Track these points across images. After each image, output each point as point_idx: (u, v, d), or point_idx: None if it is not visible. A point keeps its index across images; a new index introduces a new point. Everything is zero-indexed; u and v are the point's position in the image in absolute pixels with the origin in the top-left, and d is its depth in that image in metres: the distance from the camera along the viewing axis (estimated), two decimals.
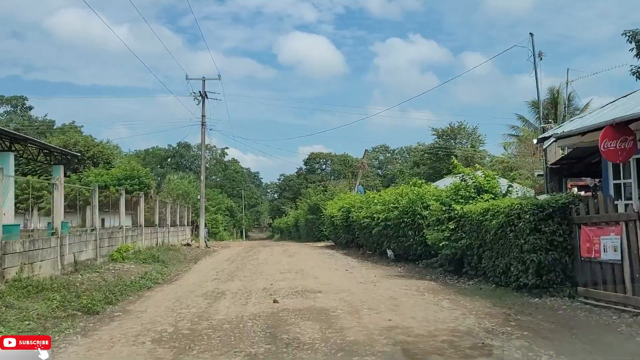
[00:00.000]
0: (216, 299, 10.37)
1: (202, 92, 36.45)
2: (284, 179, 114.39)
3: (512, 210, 9.78)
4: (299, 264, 18.12)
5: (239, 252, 26.87)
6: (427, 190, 16.55)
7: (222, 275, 14.72)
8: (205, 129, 36.94)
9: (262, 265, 17.61)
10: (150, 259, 18.23)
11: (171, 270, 16.99)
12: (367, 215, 21.17)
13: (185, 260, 21.41)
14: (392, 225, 17.81)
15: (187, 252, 25.48)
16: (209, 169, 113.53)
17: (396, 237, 17.83)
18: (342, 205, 28.08)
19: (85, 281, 12.59)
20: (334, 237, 31.79)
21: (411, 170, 65.81)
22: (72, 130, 69.47)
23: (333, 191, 47.54)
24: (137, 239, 20.91)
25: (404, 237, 16.95)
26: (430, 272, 14.65)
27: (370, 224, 20.61)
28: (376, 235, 19.85)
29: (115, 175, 43.76)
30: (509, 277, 10.18)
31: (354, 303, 9.45)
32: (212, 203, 62.80)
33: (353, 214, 24.38)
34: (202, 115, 36.88)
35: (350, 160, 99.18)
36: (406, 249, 17.26)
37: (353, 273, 14.88)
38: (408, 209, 16.52)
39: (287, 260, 20.17)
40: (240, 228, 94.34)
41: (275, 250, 27.60)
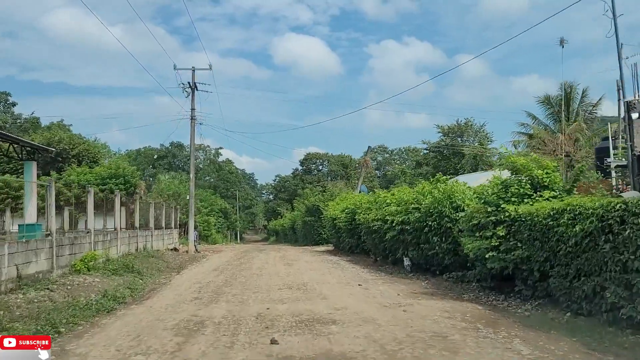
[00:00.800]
0: (190, 335, 7.45)
1: (191, 83, 33.51)
2: (279, 180, 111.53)
3: (610, 211, 6.91)
4: (300, 275, 15.23)
5: (231, 259, 23.94)
6: (456, 187, 13.66)
7: (205, 293, 11.79)
8: (194, 123, 34.02)
9: (256, 278, 14.69)
10: (122, 269, 15.26)
11: (146, 283, 14.05)
12: (377, 218, 18.31)
13: (167, 269, 18.47)
14: (411, 230, 14.95)
15: (171, 259, 22.52)
16: (202, 169, 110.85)
17: (416, 244, 14.98)
18: (346, 207, 25.20)
19: (25, 303, 9.65)
20: (336, 241, 28.91)
21: (414, 170, 63.11)
22: (58, 128, 66.39)
23: (332, 191, 44.67)
24: (110, 245, 17.94)
25: (427, 244, 14.10)
26: (464, 288, 11.81)
27: (382, 228, 17.77)
28: (389, 241, 17.01)
29: (99, 174, 40.76)
30: (598, 304, 7.32)
31: (387, 345, 6.57)
32: (204, 204, 59.82)
33: (359, 216, 21.54)
34: (191, 109, 33.94)
35: (347, 160, 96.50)
36: (428, 258, 14.41)
37: (370, 290, 11.99)
38: (433, 211, 13.65)
39: (285, 270, 17.27)
40: (235, 230, 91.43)
41: (271, 257, 24.69)
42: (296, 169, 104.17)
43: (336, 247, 30.24)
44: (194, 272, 17.28)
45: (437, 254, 13.57)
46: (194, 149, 33.66)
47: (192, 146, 33.71)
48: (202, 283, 13.74)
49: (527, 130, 45.09)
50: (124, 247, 19.70)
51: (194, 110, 33.99)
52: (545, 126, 44.61)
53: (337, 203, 29.48)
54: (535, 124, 44.65)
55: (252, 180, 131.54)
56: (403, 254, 16.33)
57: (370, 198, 21.62)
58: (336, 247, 30.31)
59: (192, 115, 33.90)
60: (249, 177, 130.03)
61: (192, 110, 33.93)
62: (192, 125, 33.92)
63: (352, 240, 24.43)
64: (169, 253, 26.14)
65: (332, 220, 27.71)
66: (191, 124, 33.90)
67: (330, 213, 27.80)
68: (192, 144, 33.62)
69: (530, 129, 44.77)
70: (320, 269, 17.62)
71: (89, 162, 47.08)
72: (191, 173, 34.23)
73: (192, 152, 33.92)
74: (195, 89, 34.06)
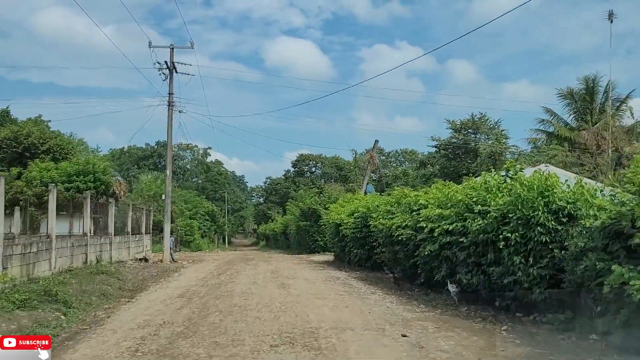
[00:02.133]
0: None
1: (169, 64, 28.55)
2: (270, 182, 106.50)
3: None
4: (303, 309, 10.28)
5: (210, 273, 18.94)
6: (553, 181, 8.76)
7: (145, 356, 6.84)
8: (172, 110, 29.04)
9: (238, 315, 9.72)
10: (38, 298, 10.25)
11: (66, 323, 9.07)
12: (406, 224, 13.51)
13: (119, 292, 13.44)
14: (467, 244, 10.13)
15: (132, 274, 17.50)
16: (190, 170, 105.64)
17: (474, 265, 10.17)
18: (354, 209, 20.35)
19: None
20: (339, 250, 23.99)
21: (416, 171, 58.63)
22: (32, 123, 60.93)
23: (331, 193, 39.76)
24: (37, 259, 12.90)
25: (497, 266, 9.26)
26: (566, 337, 7.05)
27: (412, 238, 13.00)
28: (426, 257, 12.22)
29: (65, 170, 35.61)
30: None
31: None
32: (188, 206, 54.65)
33: (374, 221, 16.71)
34: (169, 93, 28.96)
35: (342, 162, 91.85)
36: (496, 287, 9.59)
37: (426, 347, 7.09)
38: (513, 216, 8.80)
39: (280, 296, 12.30)
40: (223, 234, 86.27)
41: (260, 271, 19.72)
42: (288, 170, 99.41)
43: (338, 257, 25.36)
44: (152, 299, 12.26)
45: (519, 282, 8.72)
46: (171, 140, 28.66)
47: (169, 137, 28.65)
48: (152, 326, 8.76)
49: (546, 128, 40.74)
50: (63, 261, 14.67)
51: (172, 95, 29.03)
52: (565, 123, 40.33)
53: (341, 205, 24.62)
54: (554, 120, 40.34)
55: (242, 182, 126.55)
56: (448, 276, 11.53)
57: (389, 198, 16.75)
58: (338, 258, 25.43)
59: (170, 100, 28.92)
60: (239, 179, 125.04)
61: (169, 94, 28.96)
62: (169, 112, 28.94)
63: (361, 251, 19.60)
64: (134, 265, 21.10)
65: (336, 227, 22.85)
66: (169, 111, 28.93)
67: (334, 217, 22.90)
68: (169, 133, 28.60)
69: (549, 125, 40.41)
70: (328, 294, 12.68)
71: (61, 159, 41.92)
72: (167, 169, 29.22)
73: (170, 143, 28.83)
74: (174, 71, 29.11)
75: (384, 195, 21.51)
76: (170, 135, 28.74)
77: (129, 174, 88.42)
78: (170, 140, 28.78)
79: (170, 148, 28.63)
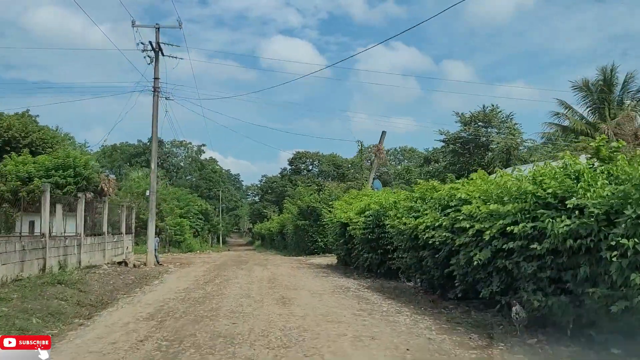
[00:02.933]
0: None
1: (154, 45, 25.62)
2: (266, 180, 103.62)
3: None
4: (316, 344, 7.34)
5: (196, 281, 16.06)
6: None
7: None
8: (158, 97, 26.10)
9: (221, 353, 6.82)
10: None
11: None
12: (438, 225, 10.68)
13: (71, 311, 10.47)
14: (541, 251, 7.28)
15: (100, 284, 14.55)
16: (183, 167, 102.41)
17: (550, 279, 7.34)
18: (365, 207, 17.50)
19: None
20: (344, 253, 21.12)
21: (420, 168, 55.96)
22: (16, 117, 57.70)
23: (331, 191, 36.88)
24: None
25: (592, 283, 6.43)
26: None
27: (449, 242, 10.19)
28: (465, 266, 9.42)
29: (43, 164, 32.66)
30: None
31: None
32: (179, 204, 51.63)
33: (391, 221, 13.87)
34: (154, 78, 26.06)
35: (340, 160, 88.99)
36: (582, 310, 6.78)
37: None
38: (633, 212, 5.93)
39: (281, 319, 9.40)
40: (217, 233, 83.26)
41: (255, 279, 16.84)
42: (284, 168, 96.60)
43: (342, 261, 22.54)
44: (112, 322, 9.34)
45: (636, 310, 5.87)
46: (156, 129, 25.67)
47: (154, 127, 25.66)
48: None
49: (561, 121, 38.02)
50: (6, 269, 11.74)
51: (157, 80, 26.10)
52: (581, 116, 37.63)
53: (347, 203, 21.76)
54: (569, 113, 37.64)
55: (238, 181, 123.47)
56: (501, 292, 8.69)
57: (413, 193, 13.86)
58: (342, 261, 22.62)
59: (156, 85, 26.00)
60: (234, 178, 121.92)
61: (155, 79, 26.03)
62: (155, 100, 26.03)
63: (373, 255, 16.76)
64: (109, 271, 18.17)
65: (342, 227, 20.01)
66: (154, 99, 26.02)
67: (340, 216, 20.00)
68: (154, 122, 25.61)
69: (564, 119, 37.71)
70: (343, 315, 9.79)
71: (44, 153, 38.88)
72: (152, 162, 26.26)
73: (155, 133, 25.81)
74: (161, 53, 26.17)
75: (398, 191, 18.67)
76: (156, 125, 25.80)
77: (120, 171, 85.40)
78: (156, 130, 25.83)
79: (156, 139, 25.64)
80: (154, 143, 25.45)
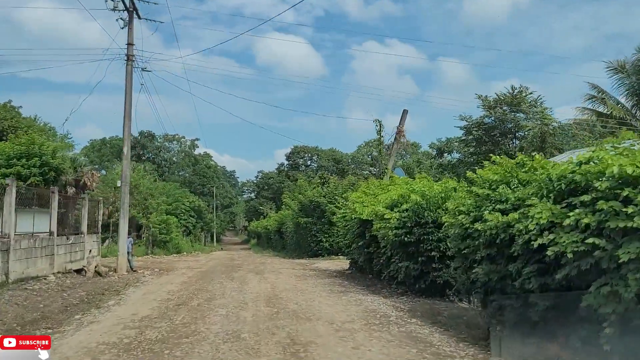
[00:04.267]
0: None
1: (127, 4, 20.93)
2: (262, 177, 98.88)
3: None
4: None
5: (163, 304, 11.45)
6: None
7: None
8: (132, 66, 21.44)
9: None
10: None
11: None
12: (558, 223, 6.09)
13: None
14: None
15: (18, 309, 9.91)
16: (176, 163, 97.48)
17: None
18: (399, 198, 12.91)
19: None
20: (363, 258, 16.46)
21: (432, 160, 51.53)
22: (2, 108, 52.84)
23: (337, 185, 32.26)
24: None
25: None
26: None
27: (603, 255, 5.60)
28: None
29: (3, 152, 27.91)
30: None
31: None
32: (167, 200, 46.88)
33: (449, 217, 9.23)
34: (127, 44, 21.44)
35: (339, 155, 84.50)
36: None
37: None
38: None
39: None
40: (211, 231, 78.52)
41: (249, 297, 12.20)
42: (281, 164, 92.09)
43: (358, 267, 18.01)
44: None
45: None
46: (130, 106, 20.92)
47: (126, 102, 20.89)
48: None
49: (596, 106, 33.55)
50: None
51: (131, 46, 21.45)
52: (617, 101, 33.18)
53: (365, 194, 17.15)
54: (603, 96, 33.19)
55: (233, 178, 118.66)
56: None
57: (490, 175, 9.15)
58: (357, 267, 18.09)
59: (129, 52, 21.36)
60: (230, 174, 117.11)
61: (128, 45, 21.36)
62: (127, 68, 21.40)
63: (411, 264, 12.15)
64: (53, 284, 13.53)
65: (361, 224, 15.42)
66: (127, 67, 21.38)
67: (360, 211, 15.28)
68: (127, 95, 20.92)
69: (599, 104, 33.25)
70: None
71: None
72: (125, 146, 21.65)
73: (128, 111, 20.96)
74: (135, 14, 21.51)
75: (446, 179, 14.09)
76: (130, 101, 21.10)
77: (111, 166, 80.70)
78: (129, 107, 21.04)
79: (129, 116, 20.83)
80: (125, 120, 20.69)
